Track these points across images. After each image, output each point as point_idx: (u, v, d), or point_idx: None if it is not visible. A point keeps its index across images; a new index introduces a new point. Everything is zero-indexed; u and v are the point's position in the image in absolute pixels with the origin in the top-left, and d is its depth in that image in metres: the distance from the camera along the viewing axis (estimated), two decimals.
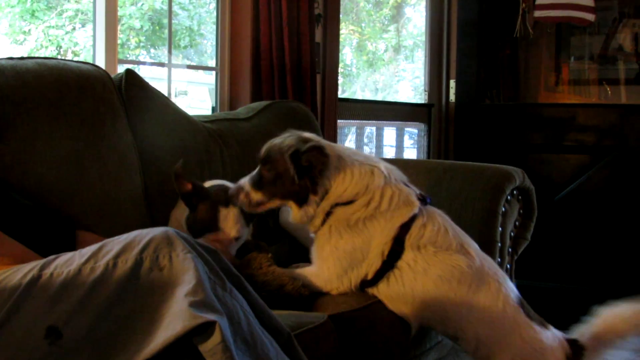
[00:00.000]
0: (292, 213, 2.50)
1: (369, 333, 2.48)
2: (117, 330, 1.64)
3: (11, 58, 2.73)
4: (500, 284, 2.48)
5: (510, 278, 3.42)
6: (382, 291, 2.50)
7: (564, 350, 2.46)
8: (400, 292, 2.47)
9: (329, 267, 2.49)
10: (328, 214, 2.47)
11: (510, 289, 2.51)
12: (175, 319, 1.60)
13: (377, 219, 2.46)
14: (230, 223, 2.57)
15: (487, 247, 3.22)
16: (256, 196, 2.47)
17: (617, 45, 5.77)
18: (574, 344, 2.49)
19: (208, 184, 2.74)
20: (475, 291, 2.43)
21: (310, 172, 2.42)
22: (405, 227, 2.47)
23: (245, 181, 2.50)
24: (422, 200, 2.57)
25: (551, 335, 2.47)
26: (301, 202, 2.46)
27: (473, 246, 2.56)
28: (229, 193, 2.52)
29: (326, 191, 2.44)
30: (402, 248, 2.45)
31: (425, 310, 2.49)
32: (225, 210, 2.58)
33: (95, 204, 2.73)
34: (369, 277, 2.50)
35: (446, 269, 2.43)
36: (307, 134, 2.53)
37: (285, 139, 2.49)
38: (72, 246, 2.32)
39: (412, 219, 2.48)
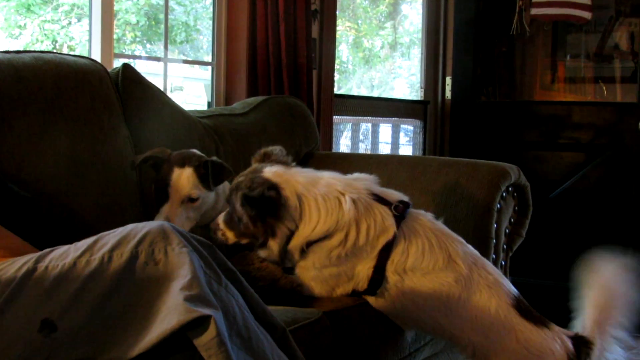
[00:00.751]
0: (260, 254, 2.47)
1: (364, 329, 2.49)
2: (112, 323, 1.64)
3: (7, 52, 2.72)
4: (491, 289, 2.45)
5: (505, 274, 3.42)
6: (374, 303, 2.49)
7: (565, 349, 2.42)
8: (390, 307, 2.46)
9: (316, 286, 2.47)
10: (302, 251, 2.41)
11: (505, 290, 2.48)
12: (170, 313, 1.60)
13: (356, 254, 2.41)
14: (182, 181, 2.61)
15: (482, 243, 3.23)
16: (229, 234, 2.45)
17: (613, 43, 5.77)
18: (579, 340, 2.46)
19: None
20: (466, 301, 2.41)
21: (265, 217, 2.36)
22: (384, 254, 2.42)
23: (221, 218, 2.48)
24: (403, 208, 2.49)
25: (551, 335, 2.44)
26: (262, 245, 2.41)
27: (460, 253, 2.50)
28: (210, 226, 2.50)
29: (291, 232, 2.37)
30: (382, 276, 2.42)
31: (418, 322, 2.50)
32: (179, 169, 2.63)
33: (91, 199, 2.73)
34: (360, 289, 2.48)
35: (435, 288, 2.41)
36: (270, 169, 2.45)
37: (243, 179, 2.43)
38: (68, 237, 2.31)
39: (391, 243, 2.42)
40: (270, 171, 2.43)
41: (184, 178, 2.62)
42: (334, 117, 4.63)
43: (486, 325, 2.40)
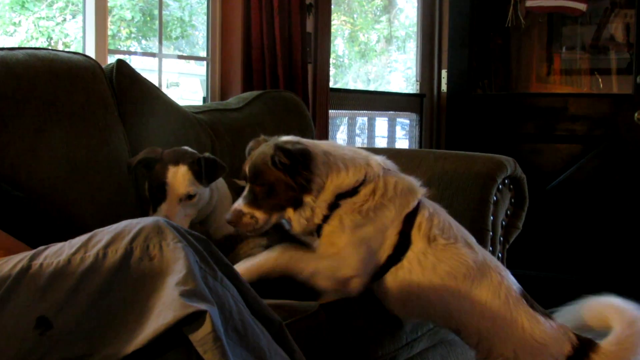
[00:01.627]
0: (293, 224, 2.43)
1: (361, 321, 2.49)
2: (107, 320, 1.63)
3: (1, 49, 2.72)
4: (502, 277, 2.47)
5: None
6: (388, 285, 2.45)
7: (569, 340, 2.43)
8: (405, 290, 2.44)
9: (351, 253, 2.39)
10: (334, 206, 2.40)
11: (512, 281, 2.50)
12: (165, 308, 1.60)
13: (387, 207, 2.43)
14: (179, 179, 2.61)
15: (479, 235, 3.22)
16: (258, 214, 2.39)
17: (608, 35, 5.77)
18: (582, 339, 2.46)
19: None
20: (478, 285, 2.42)
21: (298, 170, 2.35)
22: (410, 218, 2.44)
23: (240, 204, 2.42)
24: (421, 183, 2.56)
25: (556, 326, 2.45)
26: (297, 205, 2.39)
27: (473, 240, 2.55)
28: (227, 219, 2.45)
29: (321, 187, 2.38)
30: (408, 241, 2.43)
31: (428, 307, 2.48)
32: (174, 168, 2.63)
33: (86, 195, 2.73)
34: (384, 258, 2.46)
35: (454, 265, 2.42)
36: (284, 138, 2.46)
37: (263, 148, 2.43)
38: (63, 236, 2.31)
39: (416, 209, 2.46)
40: (286, 138, 2.46)
41: (179, 176, 2.62)
42: (330, 111, 4.63)
43: (494, 312, 2.41)
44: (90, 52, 3.53)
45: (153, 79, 3.35)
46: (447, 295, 2.42)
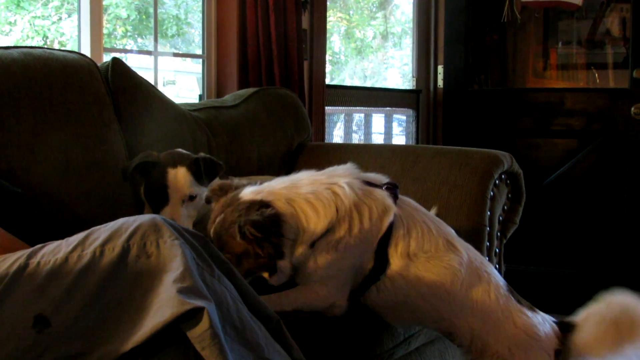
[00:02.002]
0: (270, 281, 2.31)
1: (359, 319, 2.48)
2: (105, 318, 1.63)
3: None
4: (488, 274, 2.45)
5: (499, 262, 3.44)
6: (373, 299, 2.41)
7: (554, 332, 2.45)
8: (391, 301, 2.40)
9: (326, 284, 2.33)
10: (309, 250, 2.29)
11: (498, 277, 2.49)
12: (163, 305, 1.60)
13: (365, 238, 2.33)
14: (180, 181, 2.61)
15: (476, 231, 3.24)
16: None
17: (604, 29, 5.77)
18: (562, 325, 2.47)
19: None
20: (467, 288, 2.40)
21: (269, 240, 2.19)
22: (384, 238, 2.36)
23: None
24: (393, 189, 2.44)
25: (542, 319, 2.46)
26: (272, 271, 2.26)
27: (456, 237, 2.49)
28: None
29: (293, 243, 2.26)
30: (386, 260, 2.36)
31: (418, 314, 2.44)
32: (173, 170, 2.62)
33: (83, 193, 2.73)
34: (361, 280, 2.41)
35: (440, 272, 2.37)
36: (245, 192, 2.29)
37: (227, 214, 2.25)
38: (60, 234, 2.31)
39: (390, 226, 2.36)
40: (247, 193, 2.29)
41: (180, 178, 2.62)
42: (327, 108, 4.63)
43: (486, 310, 2.40)
44: (86, 50, 3.52)
45: (149, 77, 3.35)
46: (437, 301, 2.39)
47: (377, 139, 5.80)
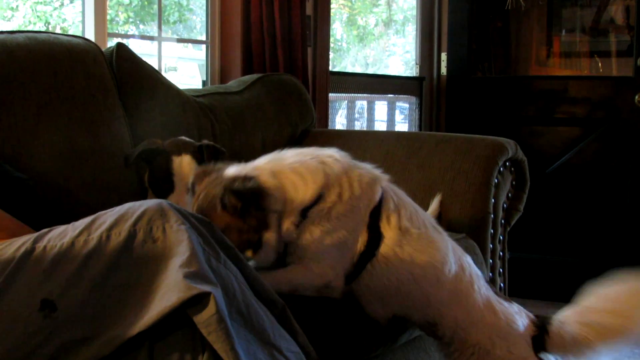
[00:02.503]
0: (256, 258, 2.25)
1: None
2: (111, 302, 1.63)
3: (1, 32, 2.72)
4: (469, 265, 2.43)
5: (503, 250, 3.44)
6: (366, 282, 2.34)
7: (531, 321, 2.44)
8: (383, 285, 2.33)
9: (319, 261, 2.27)
10: (300, 220, 2.24)
11: (476, 267, 2.47)
12: (169, 290, 1.60)
13: (356, 207, 2.28)
14: (185, 169, 2.62)
15: (480, 218, 3.24)
16: None
17: (608, 17, 5.76)
18: (539, 319, 2.47)
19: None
20: (455, 275, 2.37)
21: (250, 212, 2.15)
22: (376, 210, 2.32)
23: None
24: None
25: (518, 309, 2.45)
26: (257, 246, 2.21)
27: (434, 222, 2.46)
28: None
29: (281, 215, 2.21)
30: (379, 234, 2.31)
31: (407, 300, 2.37)
32: (178, 158, 2.63)
33: (88, 179, 2.74)
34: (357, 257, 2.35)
35: (432, 253, 2.34)
36: (229, 170, 2.24)
37: (209, 188, 2.21)
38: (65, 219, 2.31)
39: (381, 200, 2.33)
40: (231, 170, 2.24)
41: (185, 165, 2.63)
42: (330, 94, 4.62)
43: (470, 301, 2.38)
44: (90, 35, 3.52)
45: (152, 63, 3.35)
46: (427, 285, 2.34)
47: (380, 126, 5.79)
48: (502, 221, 3.39)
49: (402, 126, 5.92)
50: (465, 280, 2.39)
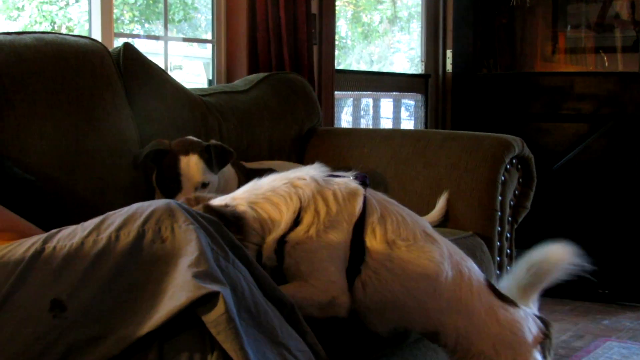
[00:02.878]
0: None
1: None
2: (121, 302, 1.64)
3: (9, 33, 2.73)
4: (469, 269, 2.36)
5: (510, 247, 3.43)
6: (360, 298, 2.27)
7: (538, 327, 2.39)
8: (378, 299, 2.28)
9: (318, 276, 2.21)
10: (281, 248, 2.21)
11: (478, 271, 2.40)
12: (179, 290, 1.60)
13: (337, 222, 2.23)
14: (192, 169, 2.63)
15: (487, 216, 3.24)
16: None
17: (613, 13, 5.75)
18: (541, 320, 2.44)
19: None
20: (451, 283, 2.31)
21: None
22: (359, 224, 2.26)
23: None
24: (362, 177, 2.35)
25: (524, 314, 2.38)
26: None
27: (433, 231, 2.40)
28: None
29: (260, 244, 2.17)
30: (363, 249, 2.25)
31: (405, 313, 2.33)
32: (185, 158, 2.64)
33: (95, 178, 2.74)
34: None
35: (424, 264, 2.27)
36: (214, 200, 2.23)
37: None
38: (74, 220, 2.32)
39: (363, 212, 2.27)
40: (214, 201, 2.22)
41: (193, 165, 2.64)
42: (335, 92, 4.62)
43: (469, 307, 2.32)
44: (96, 35, 3.53)
45: (158, 61, 3.35)
46: (423, 296, 2.29)
47: (386, 124, 5.79)
48: (509, 218, 3.39)
49: (407, 123, 5.91)
50: (465, 286, 2.32)
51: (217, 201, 2.22)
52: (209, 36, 4.30)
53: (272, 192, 2.21)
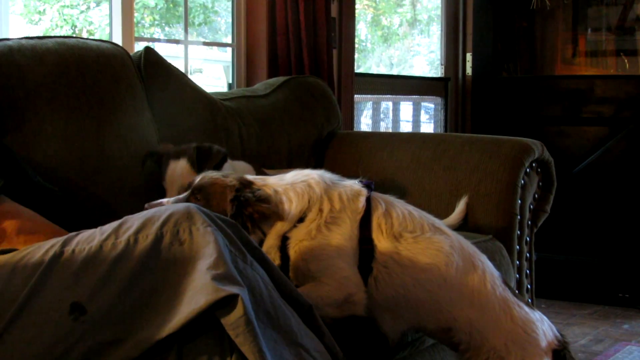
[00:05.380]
0: None
1: None
2: (140, 305, 1.65)
3: (31, 38, 2.75)
4: (483, 263, 2.36)
5: (530, 251, 3.42)
6: (373, 296, 2.28)
7: (554, 334, 2.36)
8: (390, 295, 2.29)
9: (329, 274, 2.23)
10: (284, 244, 2.27)
11: (493, 268, 2.39)
12: (198, 292, 1.61)
13: (340, 219, 2.27)
14: (176, 174, 2.65)
15: (507, 220, 3.23)
16: None
17: (634, 15, 5.72)
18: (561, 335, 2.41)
19: None
20: (463, 273, 2.30)
21: (244, 217, 2.20)
22: (365, 221, 2.29)
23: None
24: (367, 183, 2.39)
25: (540, 317, 2.36)
26: None
27: (443, 224, 2.41)
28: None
29: (270, 225, 2.26)
30: (371, 245, 2.28)
31: (418, 307, 2.32)
32: (174, 162, 2.67)
33: (116, 182, 2.76)
34: None
35: (432, 254, 2.28)
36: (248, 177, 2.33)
37: (220, 179, 2.27)
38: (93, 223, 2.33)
39: (369, 209, 2.30)
40: (251, 178, 2.33)
41: (178, 170, 2.66)
42: (355, 96, 4.63)
43: (483, 301, 2.30)
44: (117, 39, 3.54)
45: (178, 65, 3.37)
46: (434, 288, 2.29)
47: (405, 127, 5.78)
48: (529, 222, 3.38)
49: (427, 127, 5.91)
50: (477, 277, 2.32)
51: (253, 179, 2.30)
52: (229, 40, 4.31)
53: (290, 187, 2.28)
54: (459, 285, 2.30)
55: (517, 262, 3.31)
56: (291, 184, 2.29)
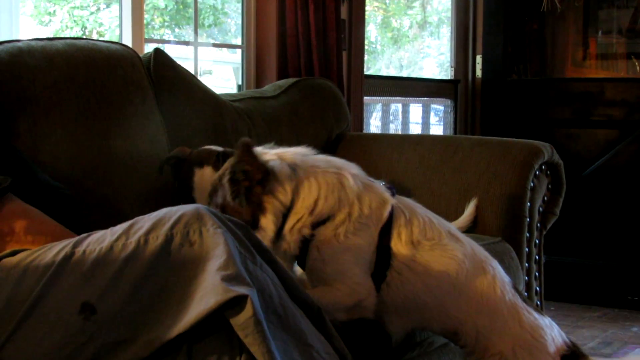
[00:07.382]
0: None
1: None
2: (150, 305, 1.66)
3: (40, 39, 2.76)
4: (494, 269, 2.36)
5: (539, 253, 3.42)
6: (384, 299, 2.29)
7: (563, 340, 2.35)
8: (399, 298, 2.29)
9: (343, 280, 2.22)
10: (308, 238, 2.23)
11: (504, 274, 2.39)
12: (207, 293, 1.62)
13: (366, 226, 2.25)
14: (205, 183, 2.59)
15: (516, 222, 3.23)
16: None
17: None
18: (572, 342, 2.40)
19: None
20: (472, 280, 2.30)
21: (251, 190, 2.15)
22: (385, 230, 2.28)
23: None
24: (391, 187, 2.38)
25: (549, 323, 2.35)
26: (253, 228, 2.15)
27: (459, 232, 2.41)
28: None
29: (285, 209, 2.19)
30: (389, 254, 2.27)
31: (425, 312, 2.33)
32: (199, 170, 2.65)
33: (126, 184, 2.76)
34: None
35: (445, 262, 2.28)
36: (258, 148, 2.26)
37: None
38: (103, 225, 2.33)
39: (390, 218, 2.29)
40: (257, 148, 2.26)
41: (206, 179, 2.62)
42: (365, 97, 4.63)
43: (491, 306, 2.30)
44: (127, 41, 3.55)
45: (188, 67, 3.37)
46: (443, 294, 2.29)
47: (415, 129, 5.79)
48: (538, 225, 3.38)
49: (436, 129, 5.91)
50: (486, 283, 2.32)
51: (260, 149, 2.25)
52: (238, 41, 4.32)
53: (321, 171, 2.24)
54: (468, 291, 2.30)
55: (526, 265, 3.31)
56: (321, 170, 2.25)
